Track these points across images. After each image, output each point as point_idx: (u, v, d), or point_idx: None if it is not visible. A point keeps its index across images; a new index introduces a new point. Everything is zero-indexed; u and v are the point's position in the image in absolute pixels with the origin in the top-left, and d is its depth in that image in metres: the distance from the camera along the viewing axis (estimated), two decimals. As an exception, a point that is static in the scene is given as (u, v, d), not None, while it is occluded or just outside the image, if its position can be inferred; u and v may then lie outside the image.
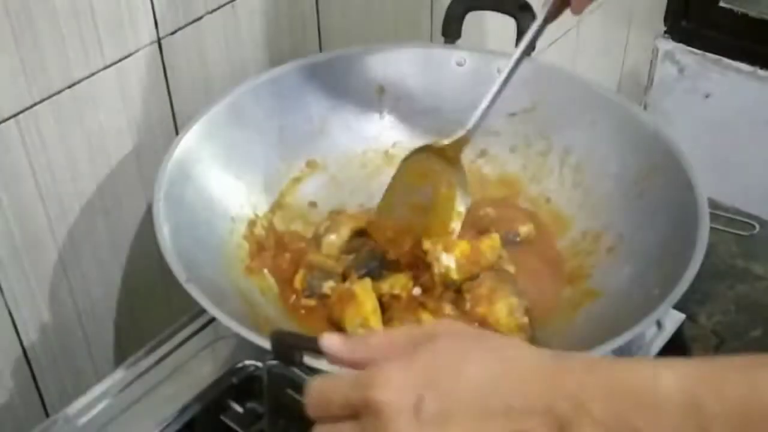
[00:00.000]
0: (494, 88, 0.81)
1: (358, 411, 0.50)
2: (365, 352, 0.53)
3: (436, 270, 0.80)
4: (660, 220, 0.82)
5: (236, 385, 0.82)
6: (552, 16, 0.80)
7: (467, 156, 0.96)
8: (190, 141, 0.84)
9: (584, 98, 0.93)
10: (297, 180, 0.93)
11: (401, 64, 0.96)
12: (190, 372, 0.82)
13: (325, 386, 0.52)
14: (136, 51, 0.85)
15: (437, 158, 0.85)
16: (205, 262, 0.78)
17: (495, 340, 0.54)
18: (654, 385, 0.46)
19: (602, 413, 0.46)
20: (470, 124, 0.82)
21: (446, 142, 0.84)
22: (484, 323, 0.77)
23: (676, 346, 0.87)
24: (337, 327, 0.78)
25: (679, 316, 0.87)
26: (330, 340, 0.54)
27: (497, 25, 0.94)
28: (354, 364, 0.53)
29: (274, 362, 0.79)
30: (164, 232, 0.75)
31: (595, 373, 0.48)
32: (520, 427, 0.47)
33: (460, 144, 0.84)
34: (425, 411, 0.48)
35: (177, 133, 0.89)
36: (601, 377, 0.48)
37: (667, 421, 0.45)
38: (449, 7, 0.96)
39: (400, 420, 0.48)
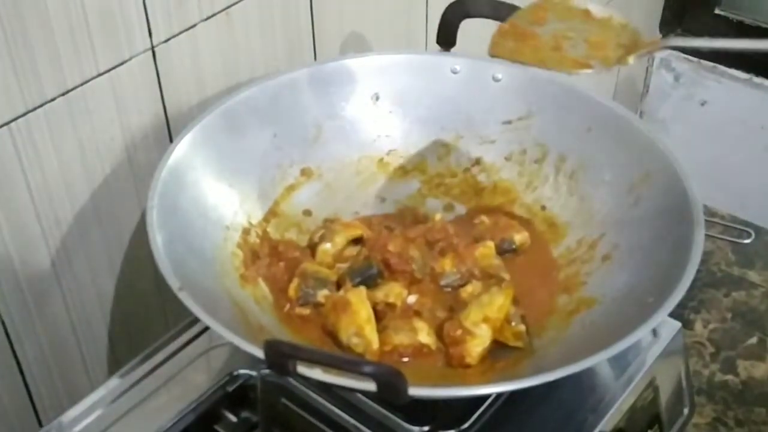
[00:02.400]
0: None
1: None
2: None
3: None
4: (655, 228, 0.82)
5: (230, 394, 0.82)
6: None
7: (461, 163, 0.96)
8: (184, 149, 0.83)
9: (579, 106, 0.92)
10: (291, 188, 0.93)
11: (396, 72, 0.96)
12: (184, 381, 0.82)
13: None
14: (130, 59, 0.85)
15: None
16: (199, 271, 0.78)
17: None
18: None
19: None
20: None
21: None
22: (478, 332, 0.77)
23: (672, 355, 0.86)
24: (332, 336, 0.78)
25: (674, 324, 0.87)
26: None
27: (492, 33, 0.94)
28: None
29: (268, 371, 0.78)
30: (158, 241, 0.74)
31: None
32: None
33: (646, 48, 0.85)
34: None
35: (171, 140, 0.89)
36: None
37: None
38: (444, 15, 0.95)
39: None
